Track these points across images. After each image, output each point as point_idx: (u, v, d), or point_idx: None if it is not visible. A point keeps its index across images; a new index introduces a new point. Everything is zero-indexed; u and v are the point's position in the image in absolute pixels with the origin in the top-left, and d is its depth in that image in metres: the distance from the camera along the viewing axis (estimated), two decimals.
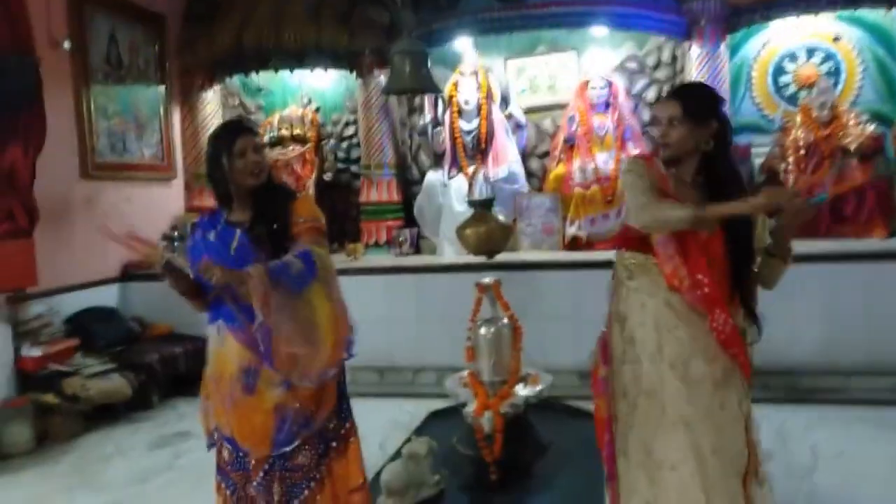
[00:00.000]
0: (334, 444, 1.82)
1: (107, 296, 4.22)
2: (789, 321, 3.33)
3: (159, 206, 4.79)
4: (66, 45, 3.86)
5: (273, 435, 1.74)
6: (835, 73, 4.31)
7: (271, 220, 1.81)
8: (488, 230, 2.66)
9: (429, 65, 3.14)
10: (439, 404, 3.19)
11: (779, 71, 4.39)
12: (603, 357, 1.87)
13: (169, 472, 2.99)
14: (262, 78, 5.16)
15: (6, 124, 3.29)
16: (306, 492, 1.77)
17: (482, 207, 2.81)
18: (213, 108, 5.05)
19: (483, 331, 2.76)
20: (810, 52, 4.34)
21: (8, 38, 3.31)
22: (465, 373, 2.76)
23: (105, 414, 3.58)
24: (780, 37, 4.36)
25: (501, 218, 2.84)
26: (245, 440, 1.76)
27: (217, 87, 5.04)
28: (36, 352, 3.50)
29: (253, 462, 1.77)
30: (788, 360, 3.43)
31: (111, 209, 4.34)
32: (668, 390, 1.69)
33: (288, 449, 1.75)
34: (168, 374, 3.85)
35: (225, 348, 1.76)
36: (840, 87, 4.33)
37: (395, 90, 3.14)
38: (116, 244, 1.89)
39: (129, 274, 4.38)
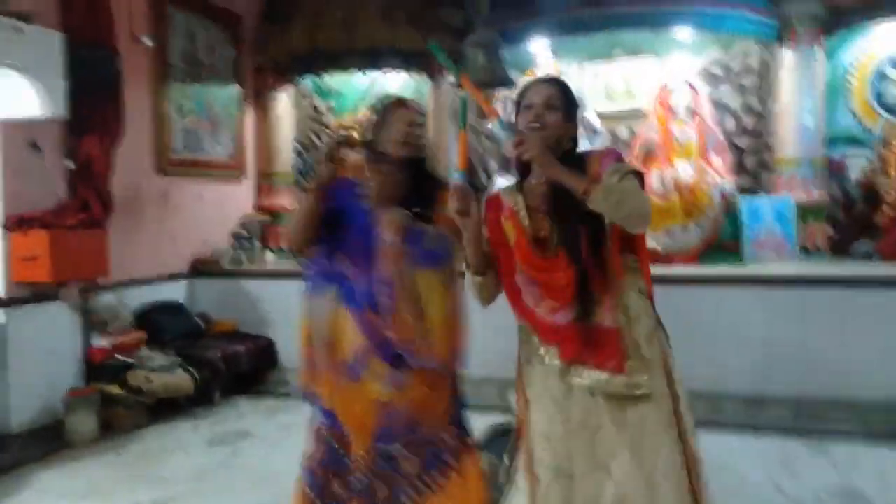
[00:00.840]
0: (447, 458, 1.70)
1: (175, 291, 4.27)
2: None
3: (230, 203, 4.83)
4: (147, 41, 3.94)
5: (374, 428, 1.66)
6: None
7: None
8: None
9: (503, 58, 3.02)
10: (501, 419, 3.04)
11: (881, 78, 4.06)
12: None
13: (226, 470, 2.95)
14: (333, 80, 5.17)
15: (85, 116, 3.34)
16: (408, 502, 1.66)
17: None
18: (285, 108, 5.08)
19: None
20: None
21: (90, 31, 3.38)
22: None
23: (168, 408, 3.59)
24: (884, 41, 4.03)
25: None
26: (348, 421, 1.68)
27: (290, 88, 5.07)
28: (104, 342, 3.55)
29: (353, 458, 1.69)
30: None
31: (183, 205, 4.40)
32: None
33: (391, 449, 1.66)
34: (230, 371, 3.84)
35: (340, 321, 1.68)
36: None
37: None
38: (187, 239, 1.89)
39: (197, 270, 4.42)
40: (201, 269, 4.40)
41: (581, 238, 1.46)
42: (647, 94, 4.40)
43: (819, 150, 4.00)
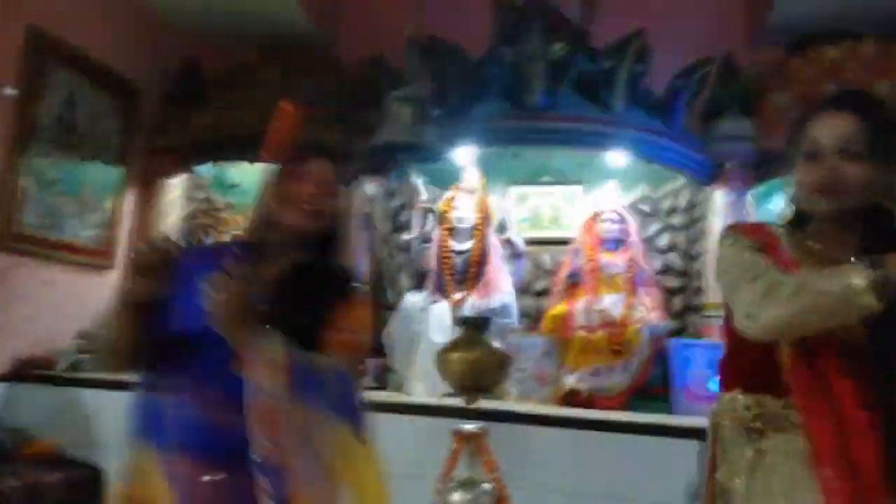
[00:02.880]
0: None
1: None
2: None
3: (86, 297, 4.04)
4: (8, 91, 3.34)
5: None
6: None
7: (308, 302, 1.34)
8: (481, 359, 2.00)
9: (432, 121, 2.60)
10: None
11: None
12: None
13: None
14: (237, 173, 4.68)
15: None
16: None
17: (475, 328, 2.16)
18: (175, 198, 4.49)
19: (457, 497, 2.00)
20: None
21: None
22: None
23: None
24: None
25: (499, 346, 2.17)
26: None
27: (185, 176, 4.51)
28: None
29: None
30: None
31: (26, 291, 3.61)
32: None
33: None
34: None
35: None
36: None
37: (387, 143, 2.54)
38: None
39: (20, 373, 3.54)
40: (26, 372, 3.53)
41: None
42: (574, 222, 4.15)
43: None
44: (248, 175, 4.68)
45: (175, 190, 4.49)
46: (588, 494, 2.79)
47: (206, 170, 4.65)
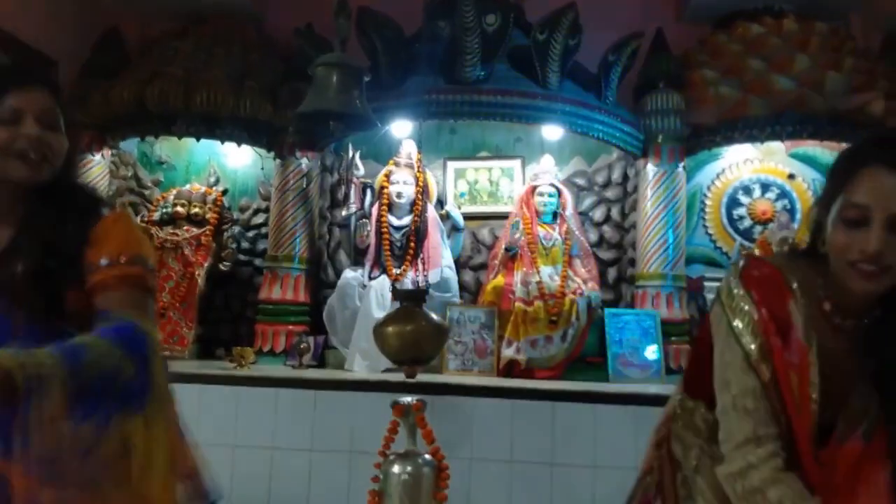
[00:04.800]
0: None
1: None
2: None
3: None
4: None
5: None
6: (790, 210, 4.07)
7: (48, 249, 1.09)
8: (417, 330, 2.00)
9: (364, 91, 2.54)
10: None
11: (733, 203, 4.11)
12: None
13: None
14: (166, 150, 4.51)
15: None
16: None
17: (412, 301, 2.17)
18: (98, 174, 4.27)
19: (397, 468, 2.02)
20: (765, 188, 4.10)
21: None
22: None
23: None
24: (735, 168, 4.12)
25: (435, 318, 2.18)
26: None
27: (107, 152, 4.31)
28: None
29: None
30: None
31: None
32: None
33: None
34: None
35: None
36: (795, 225, 4.07)
37: (313, 112, 2.47)
38: None
39: None
40: None
41: None
42: (511, 196, 4.19)
43: (681, 267, 3.89)
44: (177, 151, 4.52)
45: (98, 167, 4.28)
46: (527, 461, 2.85)
47: (131, 146, 4.46)
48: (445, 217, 3.99)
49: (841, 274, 1.08)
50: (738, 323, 1.12)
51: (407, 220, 3.83)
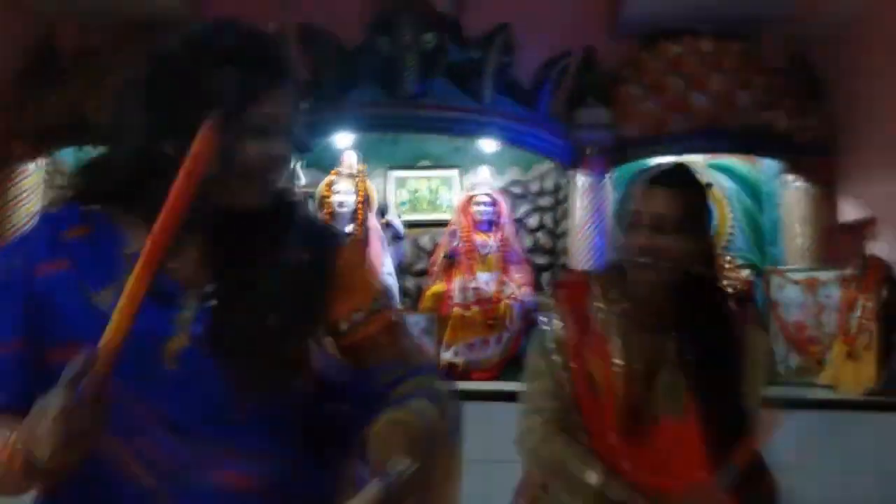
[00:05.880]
0: None
1: None
2: None
3: None
4: None
5: None
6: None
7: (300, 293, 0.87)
8: None
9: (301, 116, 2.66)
10: None
11: None
12: None
13: None
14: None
15: None
16: None
17: None
18: (32, 184, 4.21)
19: None
20: None
21: None
22: None
23: None
24: None
25: None
26: None
27: (42, 161, 4.25)
28: None
29: None
30: None
31: None
32: None
33: None
34: None
35: None
36: (712, 233, 4.36)
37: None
38: None
39: None
40: None
41: None
42: (450, 204, 4.34)
43: None
44: None
45: (33, 176, 4.22)
46: (467, 460, 2.99)
47: (67, 155, 4.40)
48: (387, 225, 4.11)
49: (629, 270, 1.33)
50: (545, 342, 1.41)
51: (349, 229, 3.94)
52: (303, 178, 4.05)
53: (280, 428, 0.88)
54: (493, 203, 4.08)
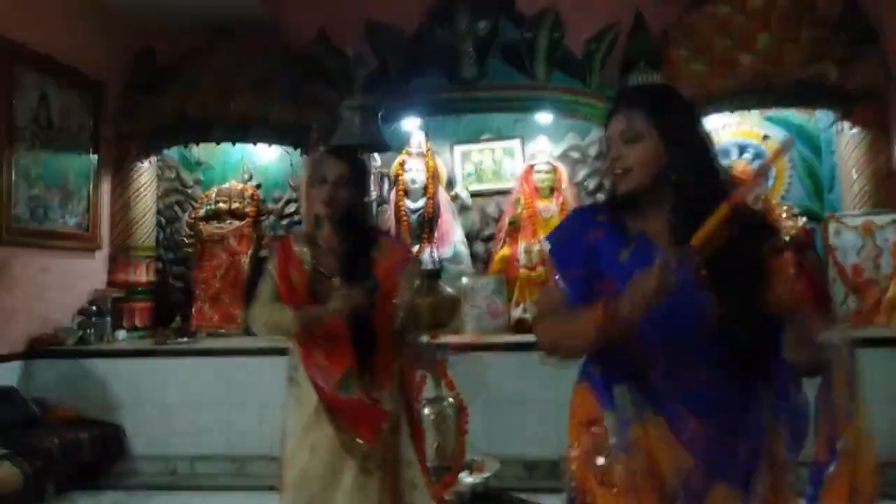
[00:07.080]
0: None
1: (6, 374, 3.79)
2: None
3: (80, 277, 4.45)
4: None
5: None
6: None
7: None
8: (436, 302, 2.53)
9: (379, 123, 3.09)
10: None
11: None
12: None
13: None
14: (202, 152, 5.03)
15: None
16: None
17: (429, 278, 2.70)
18: (147, 179, 4.85)
19: (426, 411, 2.57)
20: (742, 149, 4.54)
21: None
22: None
23: None
24: (715, 134, 4.54)
25: (450, 290, 2.72)
26: None
27: (153, 159, 4.86)
28: None
29: None
30: None
31: (25, 278, 4.00)
32: None
33: None
34: (70, 462, 3.42)
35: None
36: (770, 183, 4.51)
37: (343, 146, 3.05)
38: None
39: (35, 350, 3.97)
40: (40, 348, 3.96)
41: None
42: (514, 173, 4.66)
43: None
44: (212, 152, 5.04)
45: (146, 172, 4.84)
46: (530, 401, 3.41)
47: (172, 151, 4.99)
48: (455, 197, 4.50)
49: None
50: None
51: (421, 203, 4.35)
52: (378, 160, 4.48)
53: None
54: (553, 170, 4.38)
